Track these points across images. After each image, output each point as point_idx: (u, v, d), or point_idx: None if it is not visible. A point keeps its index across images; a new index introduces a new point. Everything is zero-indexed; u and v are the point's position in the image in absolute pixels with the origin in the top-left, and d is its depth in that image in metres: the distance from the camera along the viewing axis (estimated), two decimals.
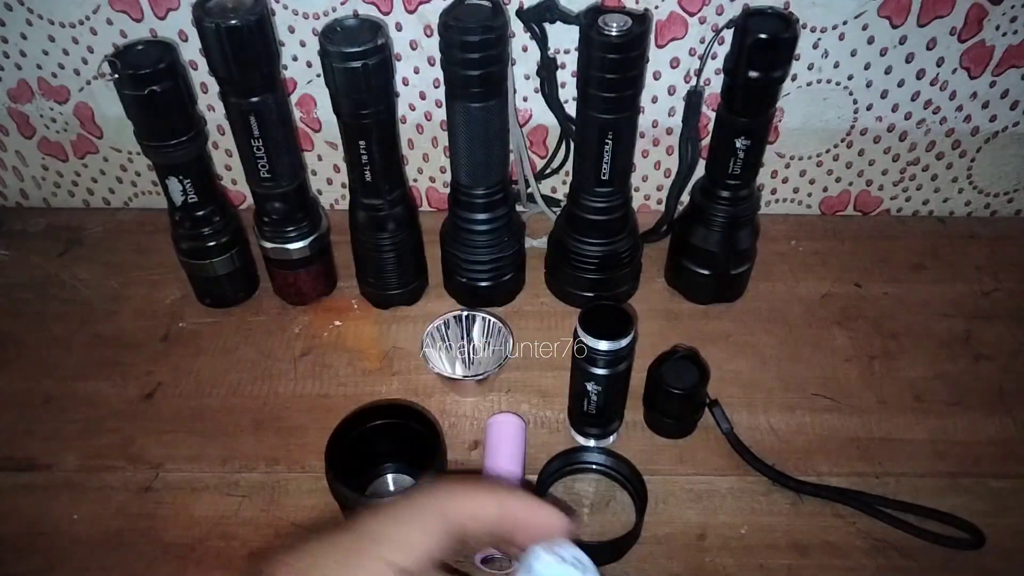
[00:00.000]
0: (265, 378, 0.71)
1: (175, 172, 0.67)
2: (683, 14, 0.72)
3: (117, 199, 0.89)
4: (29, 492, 0.63)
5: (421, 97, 0.78)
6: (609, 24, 0.59)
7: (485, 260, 0.73)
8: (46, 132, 0.83)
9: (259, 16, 0.60)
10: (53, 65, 0.77)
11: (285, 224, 0.71)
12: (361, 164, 0.66)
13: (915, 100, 0.77)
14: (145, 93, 0.61)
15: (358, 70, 0.59)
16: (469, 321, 0.70)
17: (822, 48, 0.73)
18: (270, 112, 0.64)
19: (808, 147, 0.82)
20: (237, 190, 0.87)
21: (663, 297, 0.78)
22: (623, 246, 0.73)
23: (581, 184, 0.70)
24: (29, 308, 0.78)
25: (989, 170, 0.84)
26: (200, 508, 0.61)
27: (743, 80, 0.62)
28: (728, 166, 0.68)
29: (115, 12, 0.73)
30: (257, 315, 0.76)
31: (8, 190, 0.89)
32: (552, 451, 0.63)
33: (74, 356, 0.73)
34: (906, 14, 0.71)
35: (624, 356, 0.58)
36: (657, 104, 0.78)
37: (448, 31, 0.60)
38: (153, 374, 0.71)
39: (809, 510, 0.61)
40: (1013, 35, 0.73)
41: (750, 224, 0.72)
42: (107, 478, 0.64)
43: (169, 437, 0.66)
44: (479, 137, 0.66)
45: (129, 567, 0.58)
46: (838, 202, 0.87)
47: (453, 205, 0.72)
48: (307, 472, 0.64)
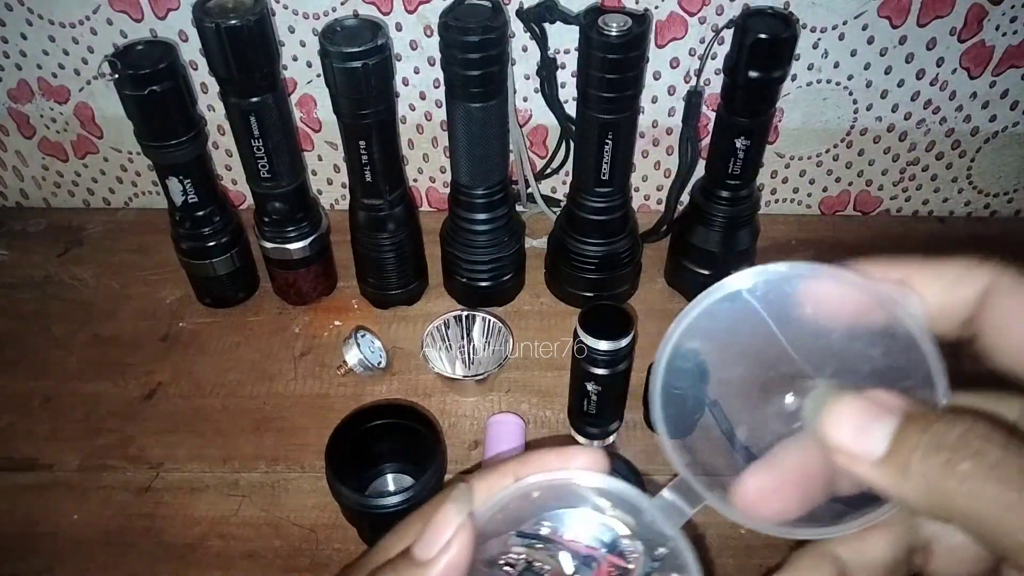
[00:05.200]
0: (265, 378, 0.71)
1: (175, 172, 0.67)
2: (683, 14, 0.72)
3: (117, 199, 0.89)
4: (29, 492, 0.63)
5: (421, 97, 0.78)
6: (609, 24, 0.59)
7: (485, 260, 0.73)
8: (46, 132, 0.83)
9: (259, 16, 0.60)
10: (53, 65, 0.77)
11: (285, 224, 0.71)
12: (361, 164, 0.66)
13: (915, 100, 0.77)
14: (145, 93, 0.61)
15: (358, 70, 0.59)
16: (469, 321, 0.70)
17: (822, 48, 0.73)
18: (270, 112, 0.64)
19: (808, 147, 0.82)
20: (237, 190, 0.87)
21: (663, 297, 0.78)
22: (623, 246, 0.73)
23: (581, 184, 0.70)
24: (29, 308, 0.78)
25: (989, 170, 0.84)
26: (200, 508, 0.61)
27: (743, 80, 0.62)
28: (728, 166, 0.68)
29: (115, 12, 0.73)
30: (257, 315, 0.76)
31: (8, 190, 0.89)
32: None
33: (74, 356, 0.73)
34: (906, 14, 0.71)
35: (624, 356, 0.58)
36: (657, 104, 0.78)
37: (448, 31, 0.60)
38: (153, 374, 0.71)
39: None
40: (1013, 35, 0.73)
41: (750, 224, 0.72)
42: (107, 478, 0.64)
43: (169, 437, 0.66)
44: (479, 137, 0.66)
45: (129, 567, 0.58)
46: (838, 202, 0.87)
47: (453, 205, 0.72)
48: (307, 472, 0.64)
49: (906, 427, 0.24)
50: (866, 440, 0.24)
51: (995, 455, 0.22)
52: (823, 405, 0.25)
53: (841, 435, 0.24)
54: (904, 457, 0.23)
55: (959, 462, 0.22)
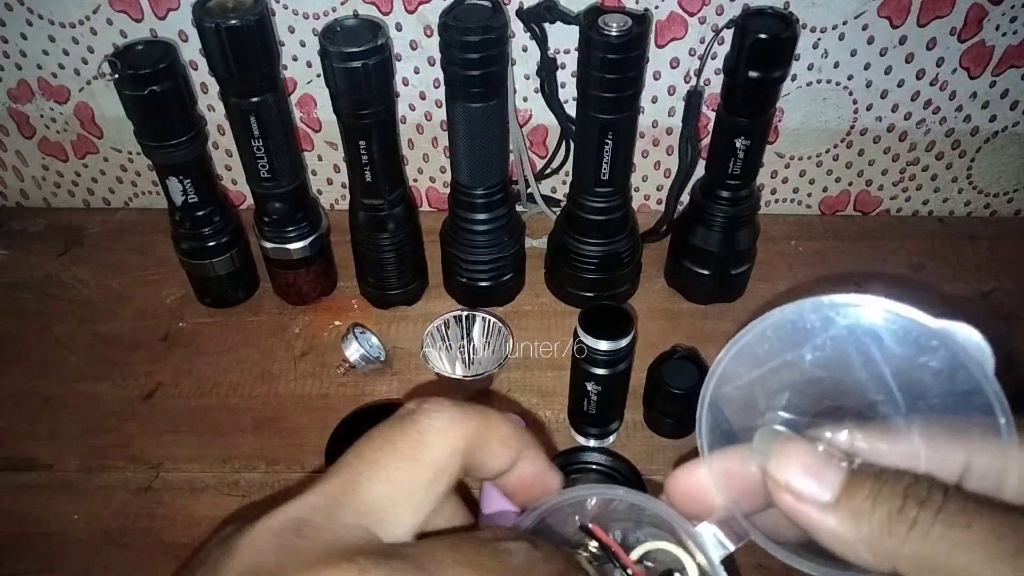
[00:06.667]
0: (265, 378, 0.71)
1: (175, 172, 0.67)
2: (683, 14, 0.72)
3: (117, 199, 0.89)
4: (29, 492, 0.63)
5: (421, 97, 0.78)
6: (609, 24, 0.59)
7: (485, 260, 0.72)
8: (46, 132, 0.83)
9: (259, 16, 0.60)
10: (53, 65, 0.77)
11: (285, 224, 0.71)
12: (361, 164, 0.66)
13: (915, 100, 0.77)
14: (145, 93, 0.61)
15: (358, 70, 0.59)
16: (469, 321, 0.70)
17: (822, 48, 0.73)
18: (270, 112, 0.64)
19: (808, 147, 0.82)
20: (237, 190, 0.87)
21: (663, 297, 0.78)
22: (623, 246, 0.73)
23: (581, 184, 0.70)
24: (29, 308, 0.78)
25: (989, 170, 0.84)
26: (200, 508, 0.61)
27: (743, 80, 0.62)
28: (728, 166, 0.68)
29: (115, 12, 0.73)
30: (257, 315, 0.77)
31: (8, 190, 0.89)
32: (551, 451, 0.63)
33: (74, 356, 0.73)
34: (906, 14, 0.71)
35: (624, 356, 0.58)
36: (657, 104, 0.78)
37: (448, 31, 0.60)
38: (153, 374, 0.71)
39: None
40: (1013, 35, 0.73)
41: (750, 224, 0.72)
42: (107, 478, 0.64)
43: (169, 437, 0.66)
44: (479, 137, 0.66)
45: (129, 567, 0.58)
46: (838, 202, 0.87)
47: (453, 205, 0.72)
48: (307, 472, 0.64)
49: (857, 475, 0.24)
50: (816, 482, 0.24)
51: (939, 500, 0.23)
52: (772, 444, 0.26)
53: (790, 474, 0.25)
54: (857, 503, 0.23)
55: (911, 509, 0.23)
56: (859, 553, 0.23)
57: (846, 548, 0.24)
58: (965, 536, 0.22)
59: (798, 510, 0.24)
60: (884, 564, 0.23)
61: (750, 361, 0.28)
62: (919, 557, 0.22)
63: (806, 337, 0.27)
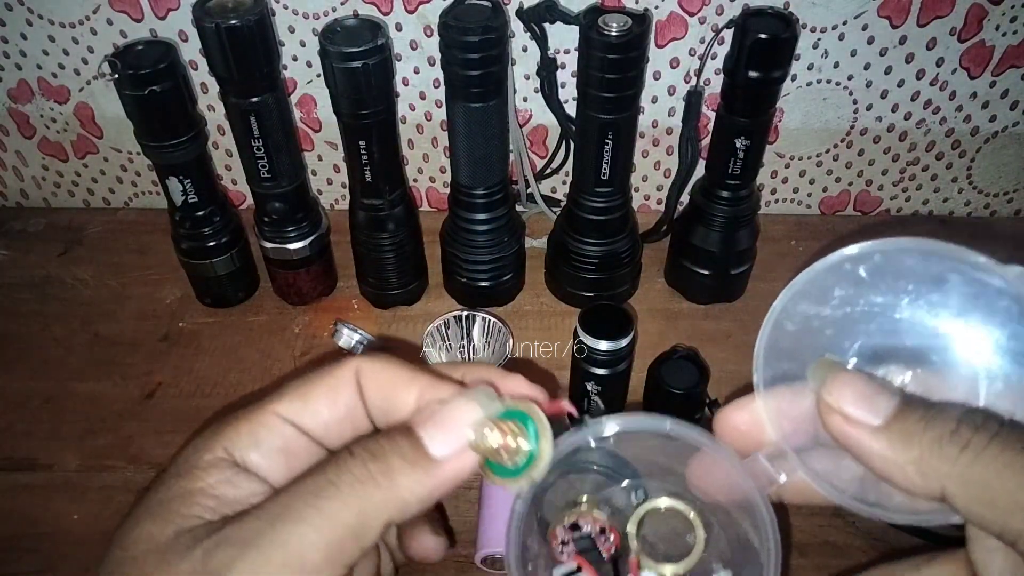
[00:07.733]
0: (265, 378, 0.71)
1: (175, 172, 0.67)
2: (683, 14, 0.72)
3: (117, 199, 0.89)
4: (29, 492, 0.63)
5: (421, 97, 0.78)
6: (609, 24, 0.59)
7: (485, 260, 0.73)
8: (46, 132, 0.83)
9: (259, 16, 0.60)
10: (53, 65, 0.77)
11: (285, 224, 0.71)
12: (361, 164, 0.66)
13: (915, 100, 0.77)
14: (145, 93, 0.61)
15: (358, 70, 0.59)
16: (469, 321, 0.70)
17: (822, 48, 0.73)
18: (270, 112, 0.64)
19: (808, 147, 0.82)
20: (237, 190, 0.87)
21: (663, 297, 0.78)
22: (623, 246, 0.73)
23: (581, 184, 0.70)
24: (29, 308, 0.78)
25: (989, 170, 0.84)
26: None
27: (743, 80, 0.62)
28: (728, 166, 0.68)
29: (115, 12, 0.73)
30: (257, 315, 0.77)
31: (8, 190, 0.89)
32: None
33: (74, 356, 0.73)
34: (906, 14, 0.71)
35: (624, 356, 0.58)
36: (657, 104, 0.78)
37: (448, 31, 0.60)
38: (153, 374, 0.71)
39: (808, 510, 0.61)
40: (1013, 35, 0.73)
41: (750, 224, 0.72)
42: (107, 478, 0.64)
43: (169, 437, 0.66)
44: (479, 137, 0.66)
45: None
46: (838, 202, 0.87)
47: (453, 205, 0.72)
48: None
49: (908, 403, 0.24)
50: (868, 407, 0.25)
51: (995, 427, 0.23)
52: (827, 372, 0.26)
53: (843, 399, 0.25)
54: (909, 426, 0.24)
55: (965, 432, 0.23)
56: (908, 475, 0.23)
57: (895, 470, 0.24)
58: (1018, 458, 0.22)
59: (848, 434, 0.25)
60: (932, 485, 0.23)
61: (813, 298, 0.29)
62: (969, 477, 0.22)
63: (883, 282, 0.28)
